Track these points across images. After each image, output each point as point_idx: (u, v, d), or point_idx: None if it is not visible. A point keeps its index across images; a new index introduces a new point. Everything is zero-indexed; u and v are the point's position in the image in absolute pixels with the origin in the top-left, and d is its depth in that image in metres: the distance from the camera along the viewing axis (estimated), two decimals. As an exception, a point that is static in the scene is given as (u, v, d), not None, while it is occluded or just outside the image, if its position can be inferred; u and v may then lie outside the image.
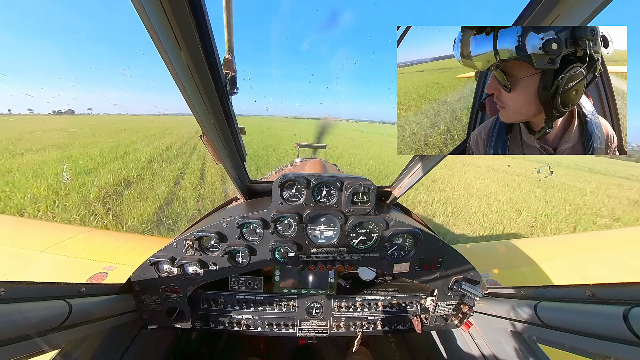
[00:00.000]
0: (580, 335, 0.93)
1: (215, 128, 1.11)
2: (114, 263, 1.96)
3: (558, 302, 1.04)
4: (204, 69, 0.83)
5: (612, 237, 2.72)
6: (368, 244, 1.42)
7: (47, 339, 0.92)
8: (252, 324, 1.58)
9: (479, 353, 1.55)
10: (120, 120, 60.14)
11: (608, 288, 0.86)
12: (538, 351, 1.21)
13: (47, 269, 1.89)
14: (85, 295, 1.10)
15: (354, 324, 1.63)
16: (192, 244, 1.34)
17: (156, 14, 0.60)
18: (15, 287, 0.83)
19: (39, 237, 2.25)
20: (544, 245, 2.63)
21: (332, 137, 23.95)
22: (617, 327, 0.76)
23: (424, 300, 1.66)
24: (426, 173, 1.36)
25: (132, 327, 1.51)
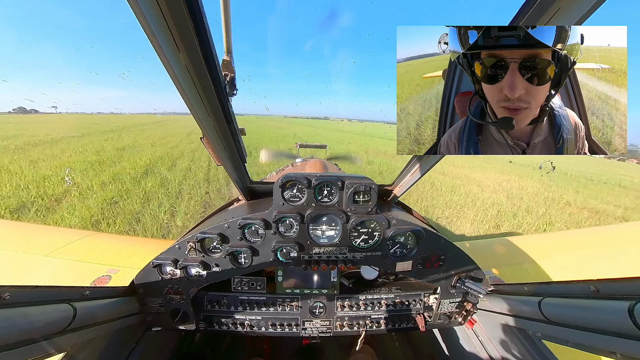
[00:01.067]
0: (585, 331, 0.93)
1: (215, 130, 1.11)
2: (117, 266, 1.97)
3: (562, 298, 1.03)
4: (202, 71, 0.83)
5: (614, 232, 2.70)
6: (370, 243, 1.42)
7: (53, 343, 0.93)
8: (255, 324, 1.58)
9: (483, 350, 1.55)
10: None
11: (612, 283, 0.85)
12: (542, 347, 1.21)
13: (51, 273, 1.90)
14: (89, 299, 1.11)
15: (357, 323, 1.63)
16: (195, 245, 1.35)
17: (154, 17, 0.60)
18: (20, 291, 0.84)
19: (43, 242, 2.26)
20: (546, 242, 2.62)
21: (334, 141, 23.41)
22: (623, 323, 0.75)
23: (427, 298, 1.66)
24: (427, 171, 1.35)
25: (137, 330, 1.52)
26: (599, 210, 11.05)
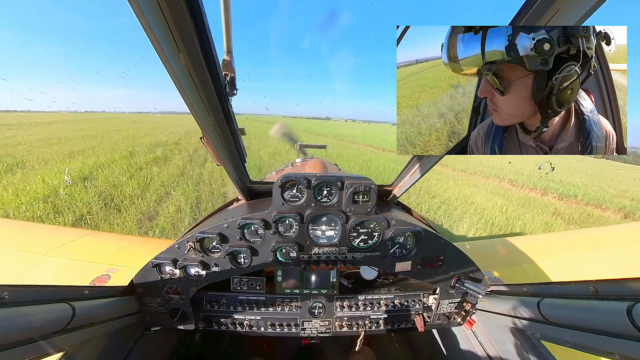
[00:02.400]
0: (583, 332, 0.93)
1: (215, 129, 1.11)
2: (116, 265, 1.96)
3: (561, 298, 1.03)
4: (202, 71, 0.83)
5: (613, 233, 2.71)
6: (370, 243, 1.42)
7: (52, 342, 0.93)
8: (254, 324, 1.58)
9: (482, 351, 1.55)
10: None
11: (611, 284, 0.85)
12: (542, 348, 1.21)
13: (50, 272, 1.90)
14: (88, 298, 1.10)
15: (356, 323, 1.63)
16: (194, 245, 1.34)
17: (154, 16, 0.60)
18: (19, 290, 0.84)
19: (42, 241, 2.26)
20: (545, 242, 2.63)
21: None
22: (621, 323, 0.75)
23: (427, 298, 1.66)
24: (426, 171, 1.35)
25: (136, 329, 1.51)
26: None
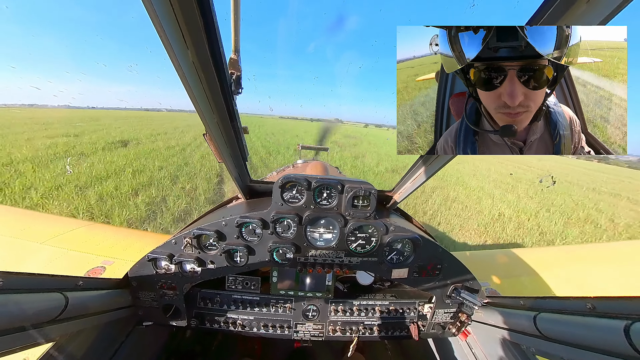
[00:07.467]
0: (579, 349, 0.91)
1: (219, 127, 1.12)
2: (112, 258, 1.96)
3: (558, 313, 1.02)
4: (209, 68, 0.83)
5: (614, 249, 2.69)
6: (367, 248, 1.42)
7: (43, 332, 0.92)
8: (247, 324, 1.57)
9: None
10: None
11: (609, 301, 0.84)
12: None
13: (45, 261, 1.89)
14: (82, 289, 1.10)
15: (350, 328, 1.61)
16: (191, 241, 1.34)
17: (165, 13, 0.61)
18: (13, 277, 0.83)
19: (40, 229, 2.26)
20: (545, 255, 2.61)
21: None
22: (618, 342, 0.74)
23: (422, 307, 1.64)
24: (428, 179, 1.35)
25: (128, 323, 1.50)
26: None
